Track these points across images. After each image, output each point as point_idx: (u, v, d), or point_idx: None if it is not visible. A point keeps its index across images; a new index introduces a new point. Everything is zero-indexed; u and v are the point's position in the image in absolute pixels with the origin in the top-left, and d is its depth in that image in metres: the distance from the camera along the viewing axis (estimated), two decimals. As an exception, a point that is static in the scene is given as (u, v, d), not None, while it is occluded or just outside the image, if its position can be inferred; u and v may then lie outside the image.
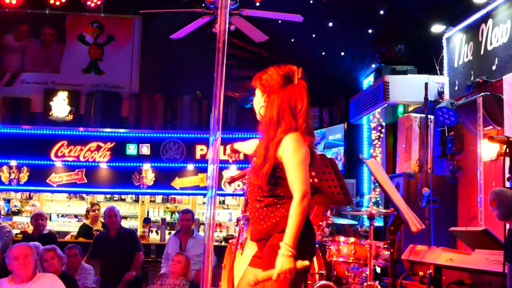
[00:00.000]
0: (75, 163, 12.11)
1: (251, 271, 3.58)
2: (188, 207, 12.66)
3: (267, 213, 3.45)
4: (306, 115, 3.51)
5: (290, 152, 3.38)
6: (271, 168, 3.40)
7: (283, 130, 3.44)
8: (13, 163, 11.94)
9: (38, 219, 9.40)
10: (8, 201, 12.67)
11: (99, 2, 11.34)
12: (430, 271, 4.68)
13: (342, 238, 5.78)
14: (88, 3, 11.28)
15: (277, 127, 3.46)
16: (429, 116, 7.58)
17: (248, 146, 4.11)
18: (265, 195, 3.45)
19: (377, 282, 5.64)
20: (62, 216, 13.05)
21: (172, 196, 12.94)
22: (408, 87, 8.27)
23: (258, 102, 3.64)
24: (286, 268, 3.22)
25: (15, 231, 10.48)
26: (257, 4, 8.45)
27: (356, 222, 8.67)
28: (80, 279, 7.41)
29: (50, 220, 12.47)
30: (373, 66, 9.92)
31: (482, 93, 6.59)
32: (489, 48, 6.93)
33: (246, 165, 10.87)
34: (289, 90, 3.53)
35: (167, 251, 8.51)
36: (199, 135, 12.10)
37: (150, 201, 13.03)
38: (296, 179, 3.35)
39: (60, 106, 12.26)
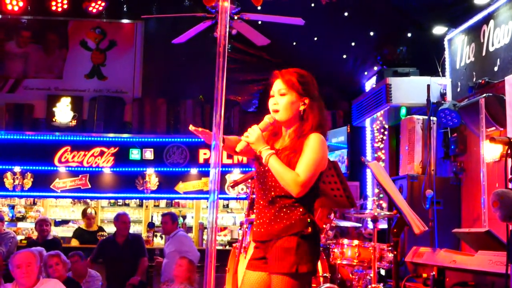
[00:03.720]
0: (78, 169, 12.12)
1: (250, 275, 3.57)
2: (192, 211, 12.70)
3: (279, 214, 3.45)
4: (329, 124, 3.68)
5: (313, 147, 3.45)
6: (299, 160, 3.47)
7: (312, 129, 3.52)
8: (17, 169, 11.96)
9: (43, 224, 9.43)
10: (12, 207, 12.70)
11: (101, 8, 11.38)
12: (434, 273, 4.67)
13: (346, 241, 5.78)
14: (90, 8, 11.32)
15: (307, 126, 3.54)
16: (431, 118, 7.58)
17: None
18: (282, 195, 3.46)
19: (381, 284, 5.64)
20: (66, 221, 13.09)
21: (176, 200, 12.96)
22: (410, 89, 8.27)
23: (294, 103, 3.58)
24: (252, 138, 3.52)
25: (19, 237, 10.52)
26: (258, 8, 8.46)
27: (360, 225, 8.67)
28: (88, 287, 7.45)
29: (55, 225, 12.49)
30: (375, 68, 9.91)
31: (484, 94, 6.59)
32: (491, 49, 6.93)
33: (249, 169, 10.89)
34: (321, 100, 3.65)
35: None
36: (202, 140, 12.04)
37: (154, 205, 13.05)
38: (309, 174, 3.40)
39: (63, 112, 12.29)
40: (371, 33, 9.49)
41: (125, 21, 12.80)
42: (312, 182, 3.42)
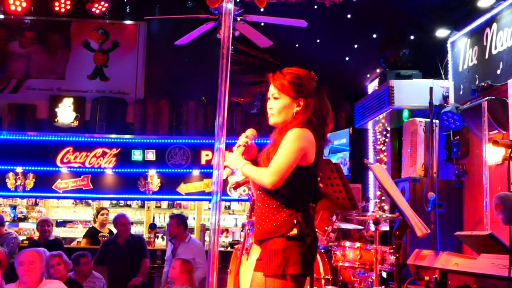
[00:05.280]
0: (80, 169, 12.13)
1: (257, 276, 3.60)
2: (193, 213, 12.70)
3: (268, 214, 3.47)
4: (330, 122, 3.66)
5: (289, 139, 3.44)
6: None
7: (296, 126, 3.50)
8: (19, 169, 11.97)
9: (44, 225, 9.43)
10: (14, 207, 12.70)
11: (104, 9, 11.39)
12: (436, 275, 4.67)
13: (347, 243, 5.77)
14: (93, 9, 11.33)
15: (293, 122, 3.54)
16: (434, 120, 7.57)
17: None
18: (270, 195, 3.47)
19: (383, 287, 5.63)
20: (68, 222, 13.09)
21: (178, 201, 12.96)
22: (413, 92, 8.25)
23: (287, 106, 3.58)
24: (226, 162, 3.54)
25: (21, 238, 10.51)
26: (261, 9, 8.47)
27: (361, 227, 8.66)
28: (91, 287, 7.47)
29: (56, 226, 12.50)
30: (378, 70, 9.91)
31: (487, 97, 6.58)
32: (494, 52, 6.92)
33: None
34: (321, 96, 3.63)
35: (165, 258, 8.66)
36: (204, 141, 12.11)
37: (156, 206, 13.05)
38: (278, 163, 3.40)
39: (65, 113, 12.30)
40: (374, 36, 9.49)
41: (128, 22, 12.81)
42: (285, 172, 3.38)
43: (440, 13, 7.97)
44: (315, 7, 9.22)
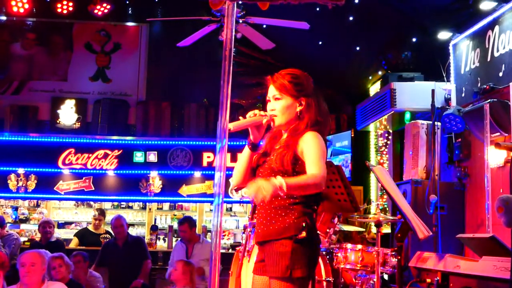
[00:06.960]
0: (82, 171, 12.13)
1: (256, 279, 3.58)
2: (195, 215, 12.68)
3: (275, 216, 3.44)
4: (329, 119, 3.68)
5: (313, 144, 3.44)
6: (292, 156, 3.44)
7: (307, 127, 3.51)
8: (20, 171, 11.97)
9: (46, 226, 9.42)
10: (15, 208, 12.70)
11: (106, 11, 11.39)
12: (438, 278, 4.67)
13: (349, 245, 5.77)
14: (95, 11, 11.34)
15: (302, 124, 3.54)
16: (436, 123, 7.57)
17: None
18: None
19: (384, 289, 5.63)
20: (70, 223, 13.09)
21: (179, 203, 12.95)
22: (415, 94, 8.26)
23: (290, 106, 3.58)
24: (263, 191, 3.13)
25: (22, 239, 10.51)
26: (264, 12, 8.46)
27: (363, 229, 8.66)
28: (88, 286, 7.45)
29: (58, 227, 12.50)
30: (380, 73, 9.91)
31: (489, 100, 6.58)
32: (496, 54, 6.92)
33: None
34: (319, 94, 3.65)
35: (173, 258, 8.53)
36: (206, 143, 12.11)
37: (158, 208, 13.04)
38: (316, 163, 3.38)
39: (67, 114, 12.30)
40: (376, 38, 9.49)
41: (130, 24, 12.82)
42: (325, 173, 3.41)
43: (442, 15, 7.98)
44: (317, 9, 9.22)
